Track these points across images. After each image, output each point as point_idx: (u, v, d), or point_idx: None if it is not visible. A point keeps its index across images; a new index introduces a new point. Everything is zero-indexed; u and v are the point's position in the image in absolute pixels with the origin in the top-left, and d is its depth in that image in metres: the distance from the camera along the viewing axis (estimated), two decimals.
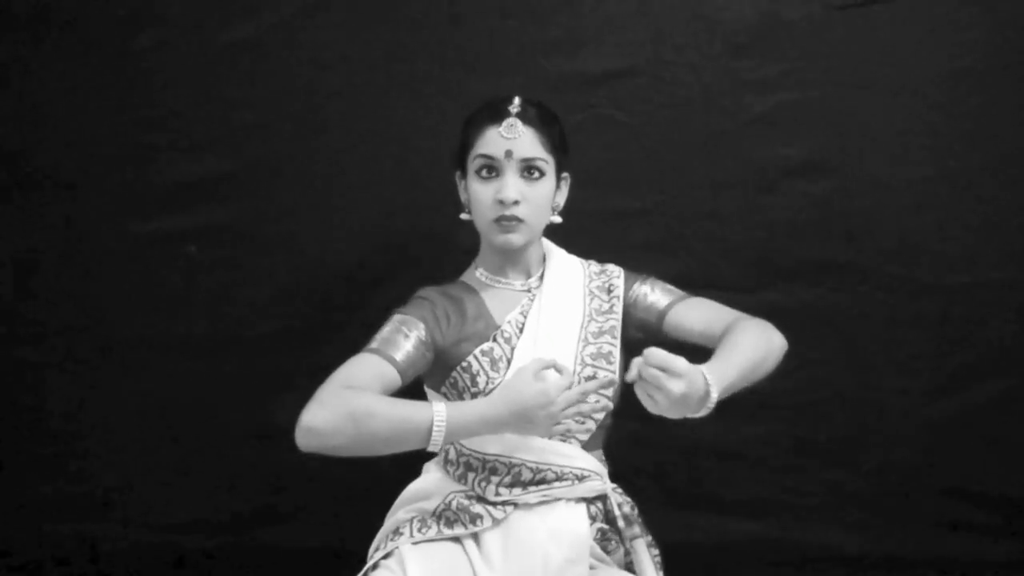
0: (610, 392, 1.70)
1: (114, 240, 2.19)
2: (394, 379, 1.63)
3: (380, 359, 1.64)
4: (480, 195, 1.72)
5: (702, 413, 1.52)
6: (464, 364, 1.71)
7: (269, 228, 2.19)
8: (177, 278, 2.20)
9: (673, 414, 1.48)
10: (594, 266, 1.87)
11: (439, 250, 2.07)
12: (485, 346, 1.72)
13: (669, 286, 1.84)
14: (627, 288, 1.82)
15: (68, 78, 2.16)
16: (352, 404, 1.53)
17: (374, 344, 1.67)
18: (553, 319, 1.75)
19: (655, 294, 1.81)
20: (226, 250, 2.19)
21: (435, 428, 1.52)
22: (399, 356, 1.65)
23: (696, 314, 1.77)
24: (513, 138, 1.69)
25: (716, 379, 1.51)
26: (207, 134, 2.17)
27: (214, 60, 2.16)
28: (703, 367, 1.52)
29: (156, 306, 2.20)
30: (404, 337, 1.68)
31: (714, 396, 1.50)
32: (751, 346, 1.65)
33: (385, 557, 1.67)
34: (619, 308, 1.80)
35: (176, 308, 2.20)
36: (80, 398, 2.23)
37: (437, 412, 1.53)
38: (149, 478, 2.25)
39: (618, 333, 1.78)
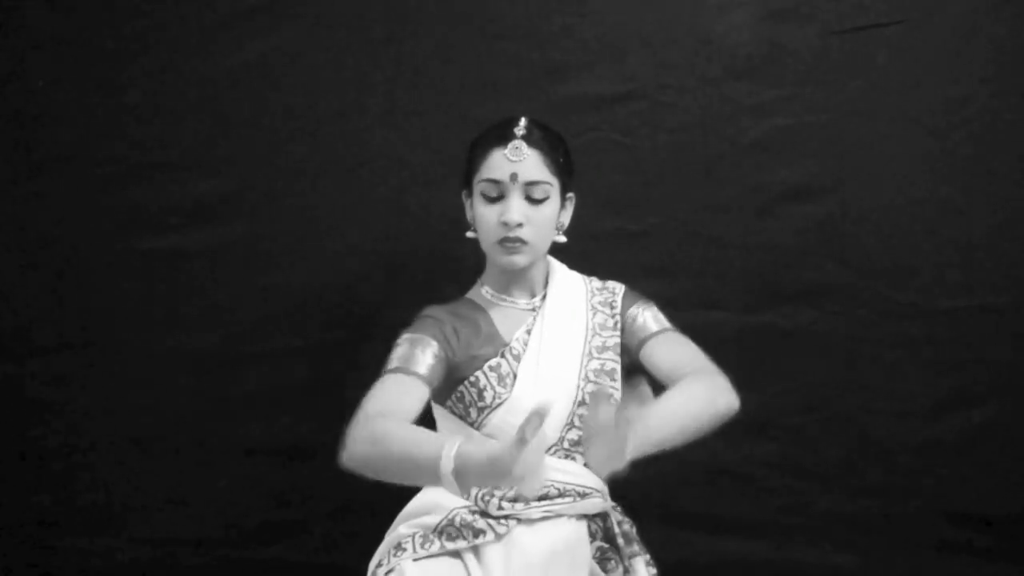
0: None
1: (119, 257, 2.19)
2: (423, 392, 1.64)
3: (404, 376, 1.64)
4: (485, 217, 1.73)
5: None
6: (472, 379, 1.73)
7: (273, 246, 2.20)
8: (180, 295, 2.20)
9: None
10: (596, 282, 1.88)
11: (443, 269, 2.08)
12: (493, 361, 1.74)
13: (661, 316, 1.83)
14: (625, 307, 1.83)
15: (75, 97, 2.17)
16: (372, 449, 1.49)
17: (393, 364, 1.67)
18: (556, 336, 1.76)
19: (643, 318, 1.81)
20: (230, 268, 2.20)
21: (443, 458, 1.40)
22: (422, 370, 1.66)
23: (667, 353, 1.76)
24: (518, 161, 1.70)
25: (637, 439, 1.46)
26: (212, 154, 2.19)
27: (220, 81, 2.17)
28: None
29: (159, 323, 2.21)
30: (422, 352, 1.68)
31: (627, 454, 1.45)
32: (683, 410, 1.60)
33: (387, 573, 1.68)
34: (619, 325, 1.82)
35: (179, 325, 2.21)
36: (81, 413, 2.22)
37: (444, 456, 1.40)
38: (149, 493, 2.24)
39: (620, 351, 1.80)
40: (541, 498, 1.69)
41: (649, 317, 1.82)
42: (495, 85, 2.17)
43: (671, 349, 1.77)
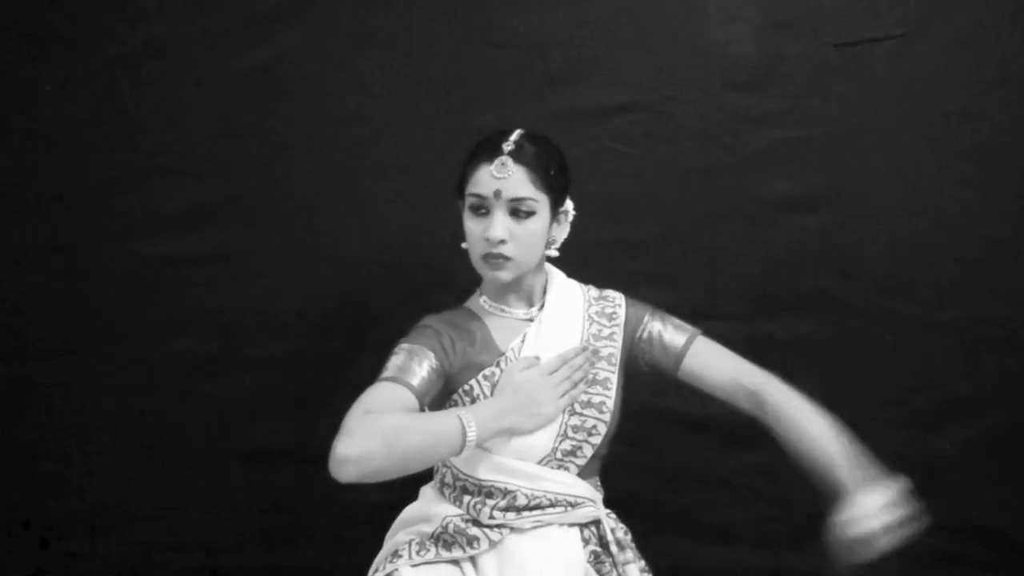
0: (583, 360, 1.75)
1: (120, 262, 2.22)
2: (413, 405, 1.64)
3: (397, 385, 1.64)
4: (471, 231, 1.73)
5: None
6: (466, 387, 1.74)
7: (273, 253, 2.22)
8: (180, 300, 2.23)
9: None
10: (593, 291, 1.87)
11: (442, 278, 2.09)
12: (487, 371, 1.74)
13: (677, 320, 1.83)
14: (635, 319, 1.82)
15: (78, 102, 2.20)
16: (381, 425, 1.54)
17: (388, 373, 1.67)
18: (550, 345, 1.76)
19: (668, 333, 1.81)
20: (230, 274, 2.22)
21: (467, 428, 1.58)
22: (415, 382, 1.66)
23: (717, 366, 1.78)
24: (503, 178, 1.68)
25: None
26: (215, 160, 2.21)
27: (223, 87, 2.20)
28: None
29: (159, 327, 2.23)
30: (418, 365, 1.69)
31: None
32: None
33: None
34: (619, 336, 1.80)
35: (178, 330, 2.23)
36: (81, 418, 2.25)
37: (462, 415, 1.60)
38: (147, 498, 2.27)
39: (616, 360, 1.78)
40: (532, 508, 1.70)
41: (671, 328, 1.81)
42: (497, 94, 2.19)
43: (718, 362, 1.79)
